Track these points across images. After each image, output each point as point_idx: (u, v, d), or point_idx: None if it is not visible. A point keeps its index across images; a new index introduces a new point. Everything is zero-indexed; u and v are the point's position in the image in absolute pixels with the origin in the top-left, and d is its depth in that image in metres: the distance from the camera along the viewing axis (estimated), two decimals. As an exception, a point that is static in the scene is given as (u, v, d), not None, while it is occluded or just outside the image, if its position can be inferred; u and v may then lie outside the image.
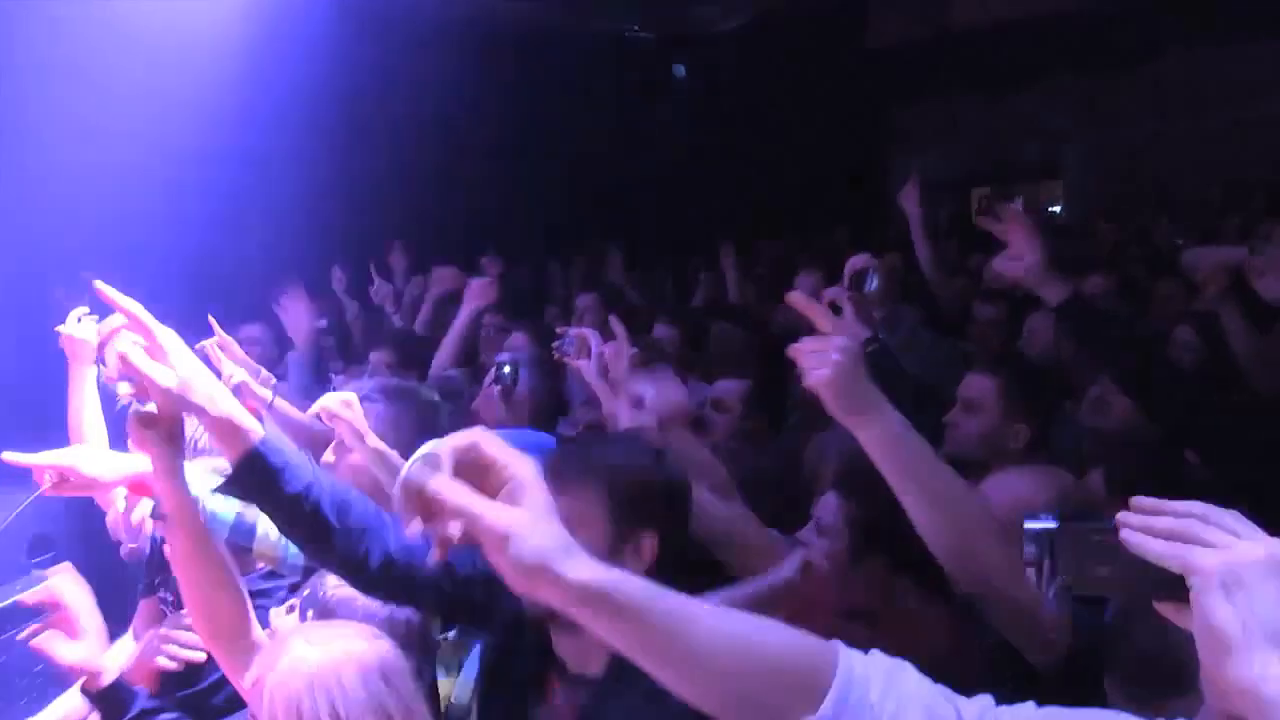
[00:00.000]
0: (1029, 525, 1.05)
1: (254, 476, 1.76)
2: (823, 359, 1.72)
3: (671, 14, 9.20)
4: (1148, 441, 2.65)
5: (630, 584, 1.06)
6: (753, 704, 1.07)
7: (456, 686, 2.27)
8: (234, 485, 1.79)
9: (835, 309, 3.23)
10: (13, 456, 1.97)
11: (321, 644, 1.58)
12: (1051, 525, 1.04)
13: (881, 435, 1.74)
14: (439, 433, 1.11)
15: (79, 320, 3.07)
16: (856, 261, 3.25)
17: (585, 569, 1.05)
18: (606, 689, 1.75)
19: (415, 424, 2.61)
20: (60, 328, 3.08)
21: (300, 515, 1.80)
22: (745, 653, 1.08)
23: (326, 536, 1.82)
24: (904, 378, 2.85)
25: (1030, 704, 1.09)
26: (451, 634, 2.29)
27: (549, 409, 3.52)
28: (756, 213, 9.20)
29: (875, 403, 1.74)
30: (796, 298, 1.94)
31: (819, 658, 1.09)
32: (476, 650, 2.09)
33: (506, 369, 3.39)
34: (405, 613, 2.00)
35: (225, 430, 1.75)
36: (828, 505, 2.21)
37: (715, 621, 1.09)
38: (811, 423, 3.07)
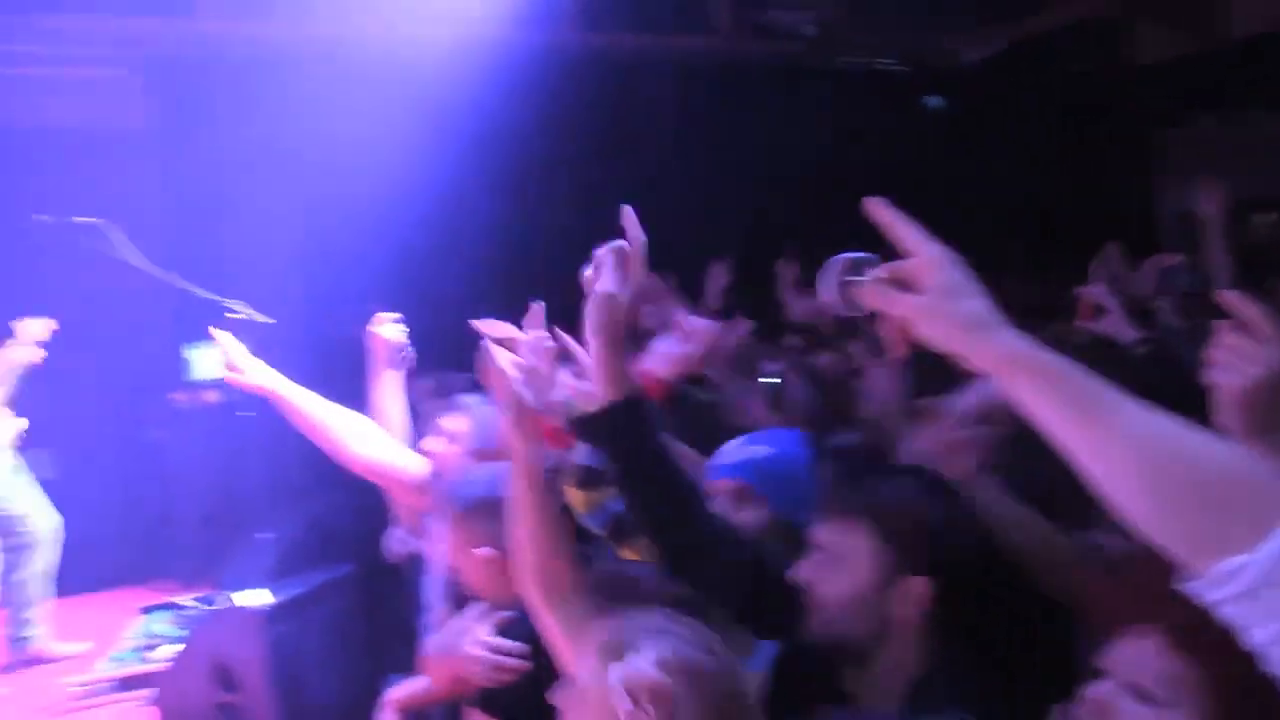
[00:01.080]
0: None
1: (627, 419, 1.81)
2: (1241, 361, 1.44)
3: (924, 45, 9.17)
4: None
5: (1063, 360, 1.08)
6: (1176, 510, 0.97)
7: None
8: (602, 423, 1.83)
9: (1099, 310, 3.20)
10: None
11: (663, 638, 1.47)
12: None
13: None
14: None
15: (385, 324, 3.30)
16: (1166, 259, 3.19)
17: (1016, 335, 1.12)
18: None
19: None
20: (370, 328, 3.28)
21: (651, 470, 1.83)
22: (1178, 447, 0.99)
23: (663, 496, 1.85)
24: (1189, 372, 2.78)
25: None
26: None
27: (820, 419, 3.55)
28: (1018, 245, 8.93)
29: None
30: (1229, 296, 1.52)
31: (1273, 487, 0.95)
32: (764, 650, 1.99)
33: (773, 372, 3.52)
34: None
35: (615, 368, 1.82)
36: None
37: (1152, 412, 1.02)
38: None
